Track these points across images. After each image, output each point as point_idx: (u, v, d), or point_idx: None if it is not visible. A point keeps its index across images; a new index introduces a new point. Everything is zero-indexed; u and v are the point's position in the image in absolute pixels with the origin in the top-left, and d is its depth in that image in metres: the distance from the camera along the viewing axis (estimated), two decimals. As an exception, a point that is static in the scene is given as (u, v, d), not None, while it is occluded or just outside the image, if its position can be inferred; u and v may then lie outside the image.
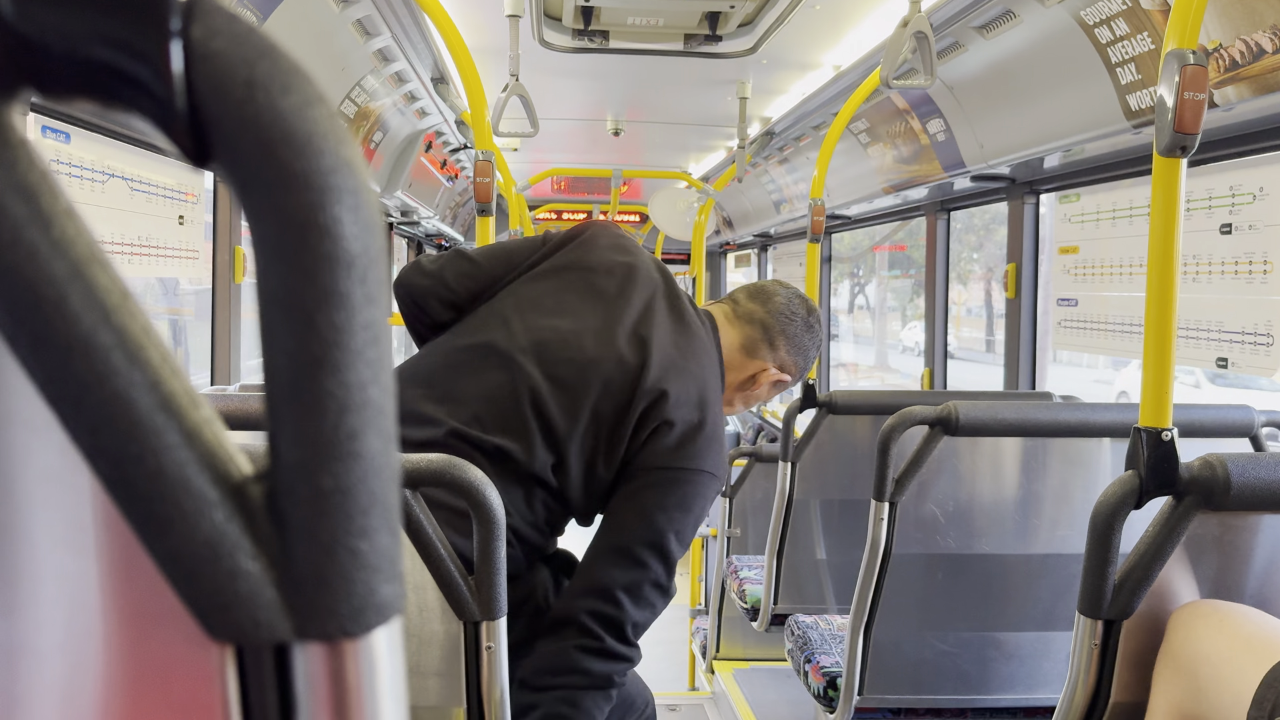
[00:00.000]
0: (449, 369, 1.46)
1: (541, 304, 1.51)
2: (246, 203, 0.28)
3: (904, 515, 1.88)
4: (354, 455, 0.29)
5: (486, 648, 1.13)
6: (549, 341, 1.46)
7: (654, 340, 1.49)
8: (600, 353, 1.46)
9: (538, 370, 1.44)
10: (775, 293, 1.70)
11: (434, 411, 1.42)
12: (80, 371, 0.28)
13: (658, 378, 1.45)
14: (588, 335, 1.48)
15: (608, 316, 1.50)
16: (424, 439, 1.39)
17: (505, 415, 1.41)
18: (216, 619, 0.30)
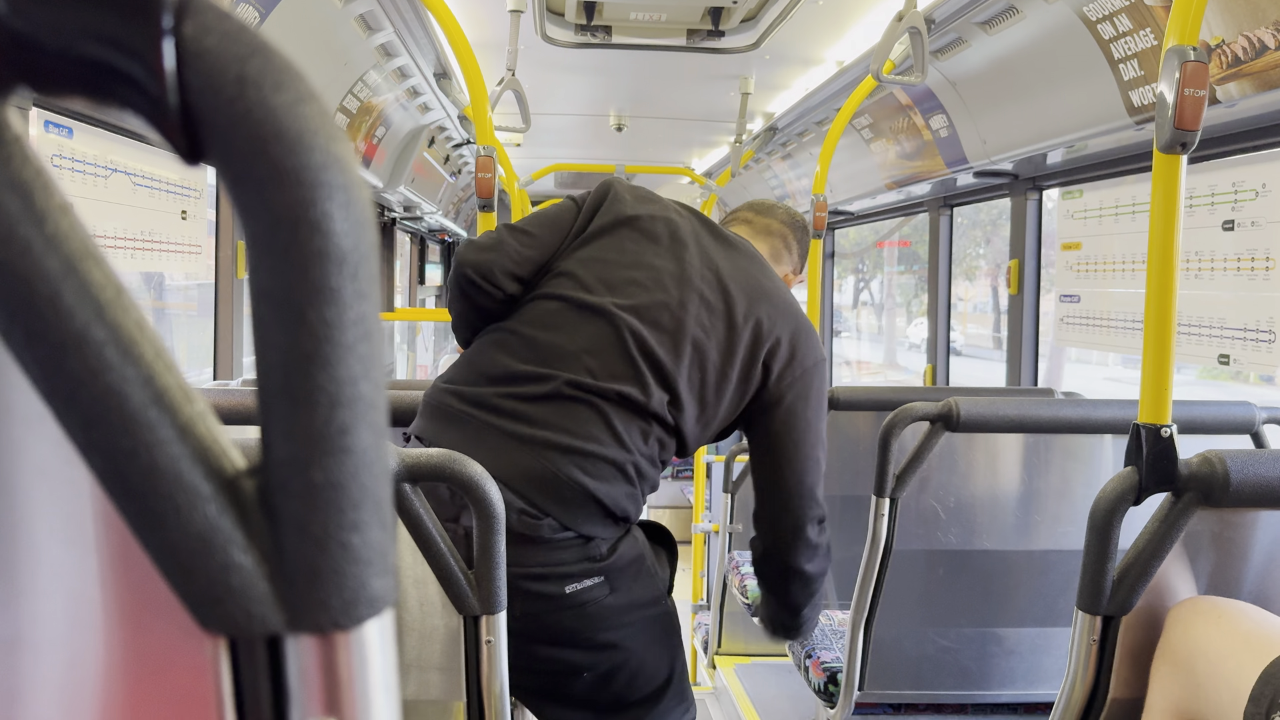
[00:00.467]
0: (545, 330, 1.48)
1: (609, 260, 1.53)
2: (239, 199, 0.29)
3: (905, 511, 1.88)
4: (345, 450, 0.30)
5: (486, 641, 1.13)
6: (634, 291, 1.51)
7: (724, 272, 1.56)
8: (683, 294, 1.52)
9: (633, 317, 1.48)
10: (774, 205, 1.83)
11: (542, 369, 1.45)
12: (73, 367, 0.28)
13: (747, 308, 1.54)
14: (666, 279, 1.52)
15: (674, 260, 1.54)
16: (539, 393, 1.43)
17: (614, 362, 1.46)
18: (209, 612, 0.30)
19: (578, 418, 1.43)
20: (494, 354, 1.48)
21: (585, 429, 1.42)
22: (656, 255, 1.54)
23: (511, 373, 1.45)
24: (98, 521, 0.30)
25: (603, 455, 1.43)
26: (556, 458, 1.40)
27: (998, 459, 1.91)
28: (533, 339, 1.47)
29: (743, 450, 3.55)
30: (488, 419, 1.43)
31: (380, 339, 0.31)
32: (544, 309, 1.50)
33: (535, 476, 1.39)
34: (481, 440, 1.41)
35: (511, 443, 1.41)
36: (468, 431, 1.42)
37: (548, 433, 1.41)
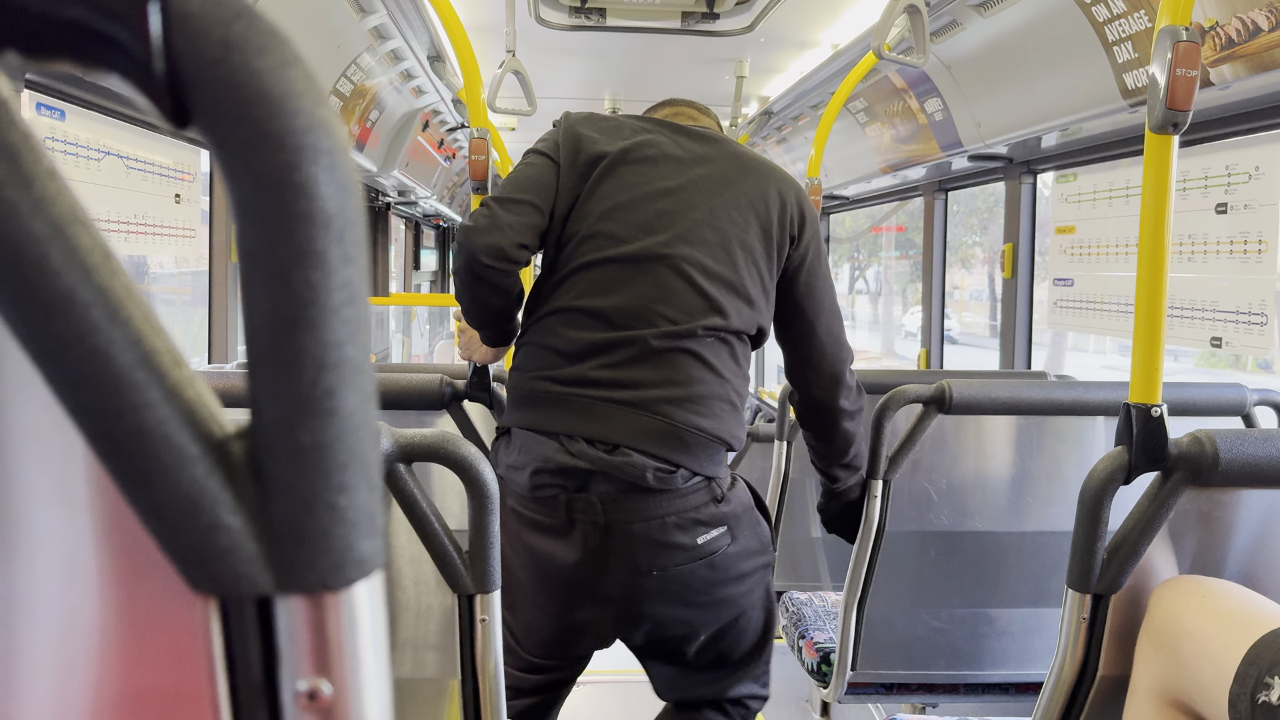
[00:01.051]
0: (607, 295, 1.49)
1: (626, 203, 1.53)
2: (224, 163, 0.29)
3: (897, 493, 1.89)
4: (331, 412, 0.30)
5: (481, 620, 1.14)
6: (668, 223, 1.51)
7: (723, 165, 1.58)
8: (709, 203, 1.54)
9: (683, 247, 1.50)
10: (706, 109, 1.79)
11: (623, 334, 1.47)
12: (60, 329, 0.28)
13: (761, 189, 1.58)
14: (687, 197, 1.54)
15: (680, 175, 1.55)
16: (630, 356, 1.46)
17: (687, 300, 1.49)
18: (199, 572, 0.30)
19: (675, 365, 1.47)
20: (567, 333, 1.49)
21: (685, 374, 1.47)
22: (663, 178, 1.54)
23: (594, 344, 1.47)
24: (89, 483, 0.31)
25: (709, 394, 1.49)
26: (672, 410, 1.45)
27: (990, 441, 1.92)
28: (599, 309, 1.48)
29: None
30: (594, 394, 1.45)
31: (366, 304, 0.31)
32: (595, 276, 1.50)
33: (659, 434, 1.44)
34: (594, 415, 1.45)
35: (625, 410, 1.44)
36: (577, 410, 1.45)
37: (654, 390, 1.45)
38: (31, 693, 0.34)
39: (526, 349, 1.55)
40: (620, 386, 1.45)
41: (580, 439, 1.44)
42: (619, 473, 1.42)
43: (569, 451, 1.44)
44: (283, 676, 0.31)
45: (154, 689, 0.33)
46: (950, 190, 3.69)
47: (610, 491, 1.44)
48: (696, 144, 1.60)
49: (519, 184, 1.55)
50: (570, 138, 1.58)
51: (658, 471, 1.43)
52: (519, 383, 1.52)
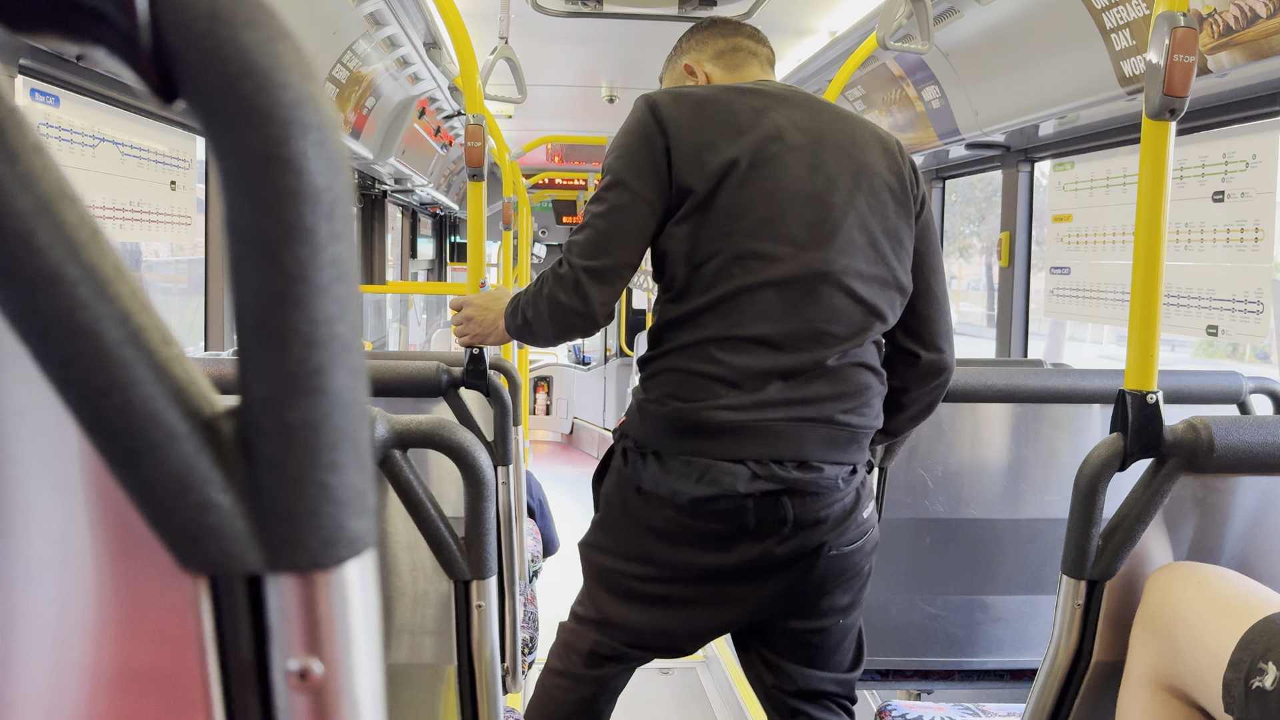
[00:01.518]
0: (773, 322, 1.45)
1: (774, 217, 1.46)
2: (212, 138, 0.28)
3: (894, 480, 1.90)
4: (319, 390, 0.30)
5: (477, 606, 1.14)
6: (815, 231, 1.47)
7: (841, 142, 1.52)
8: (854, 201, 1.50)
9: (838, 258, 1.47)
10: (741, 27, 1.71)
11: (798, 358, 1.46)
12: (46, 305, 0.28)
13: (882, 158, 1.54)
14: (824, 195, 1.48)
15: (815, 174, 1.49)
16: (810, 375, 1.47)
17: (851, 315, 1.49)
18: (188, 550, 0.30)
19: (847, 378, 1.49)
20: (731, 361, 1.45)
21: (856, 383, 1.50)
22: (800, 180, 1.47)
23: (766, 371, 1.45)
24: (79, 462, 0.31)
25: (875, 393, 1.54)
26: (849, 418, 1.49)
27: (986, 429, 1.92)
28: (765, 336, 1.45)
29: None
30: (775, 416, 1.45)
31: (356, 281, 0.31)
32: (754, 301, 1.45)
33: (842, 442, 1.49)
34: (781, 437, 1.46)
35: (808, 425, 1.47)
36: (764, 436, 1.45)
37: (832, 404, 1.48)
38: (23, 671, 0.34)
39: (674, 375, 1.48)
40: (800, 404, 1.46)
41: (770, 462, 1.45)
42: (812, 486, 1.46)
43: (760, 476, 1.44)
44: (273, 655, 0.31)
45: (145, 668, 0.33)
46: (948, 179, 3.69)
47: (798, 497, 1.46)
48: (805, 116, 1.52)
49: (617, 234, 1.47)
50: (683, 151, 1.45)
51: (843, 476, 1.49)
52: (680, 411, 1.46)
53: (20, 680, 0.35)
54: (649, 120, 1.47)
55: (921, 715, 1.72)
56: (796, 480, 1.44)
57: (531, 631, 2.30)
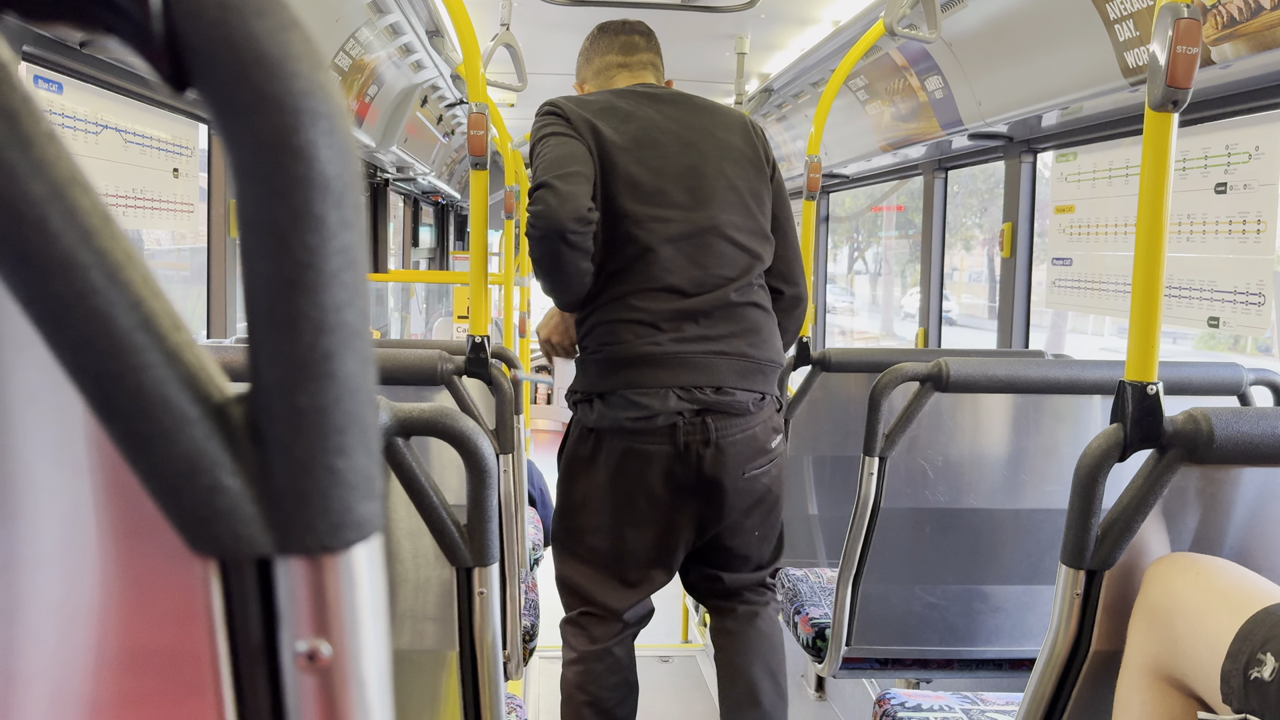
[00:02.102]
0: (675, 271, 1.81)
1: (661, 189, 1.83)
2: (222, 126, 0.29)
3: (894, 470, 1.90)
4: (329, 376, 0.30)
5: (479, 593, 1.15)
6: (703, 199, 1.84)
7: (710, 125, 1.92)
8: (721, 168, 1.87)
9: (721, 215, 1.85)
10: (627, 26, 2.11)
11: (701, 300, 1.81)
12: (60, 290, 0.28)
13: (742, 136, 1.94)
14: (705, 169, 1.86)
15: (688, 152, 1.86)
16: (713, 314, 1.81)
17: (737, 259, 1.85)
18: (198, 533, 0.31)
19: (744, 315, 1.84)
20: (650, 306, 1.79)
21: (752, 320, 1.85)
22: (676, 157, 1.85)
23: (680, 311, 1.80)
24: (89, 445, 0.31)
25: (769, 329, 1.89)
26: (752, 351, 1.84)
27: (986, 419, 1.92)
28: (674, 285, 1.80)
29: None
30: (695, 349, 1.79)
31: (365, 269, 0.31)
32: (660, 257, 1.80)
33: (749, 372, 1.83)
34: (702, 367, 1.79)
35: (721, 359, 1.81)
36: (687, 366, 1.79)
37: (737, 340, 1.82)
38: (32, 651, 0.35)
39: (604, 326, 1.82)
40: (712, 340, 1.80)
41: (692, 388, 1.78)
42: (727, 408, 1.81)
43: (684, 399, 1.78)
44: (282, 637, 0.32)
45: (154, 648, 0.34)
46: (950, 169, 3.68)
47: (718, 416, 1.80)
48: (676, 110, 1.91)
49: (564, 159, 1.76)
50: (585, 125, 1.82)
51: (754, 401, 1.84)
52: (613, 353, 1.80)
53: (29, 660, 0.35)
54: (566, 112, 1.84)
55: (920, 704, 1.72)
56: (715, 402, 1.79)
57: (532, 619, 2.31)
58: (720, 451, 1.81)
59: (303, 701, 0.32)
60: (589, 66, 2.11)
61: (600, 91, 1.94)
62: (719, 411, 1.80)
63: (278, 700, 0.32)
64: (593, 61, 2.10)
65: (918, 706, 1.72)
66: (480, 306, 1.98)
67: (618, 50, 2.05)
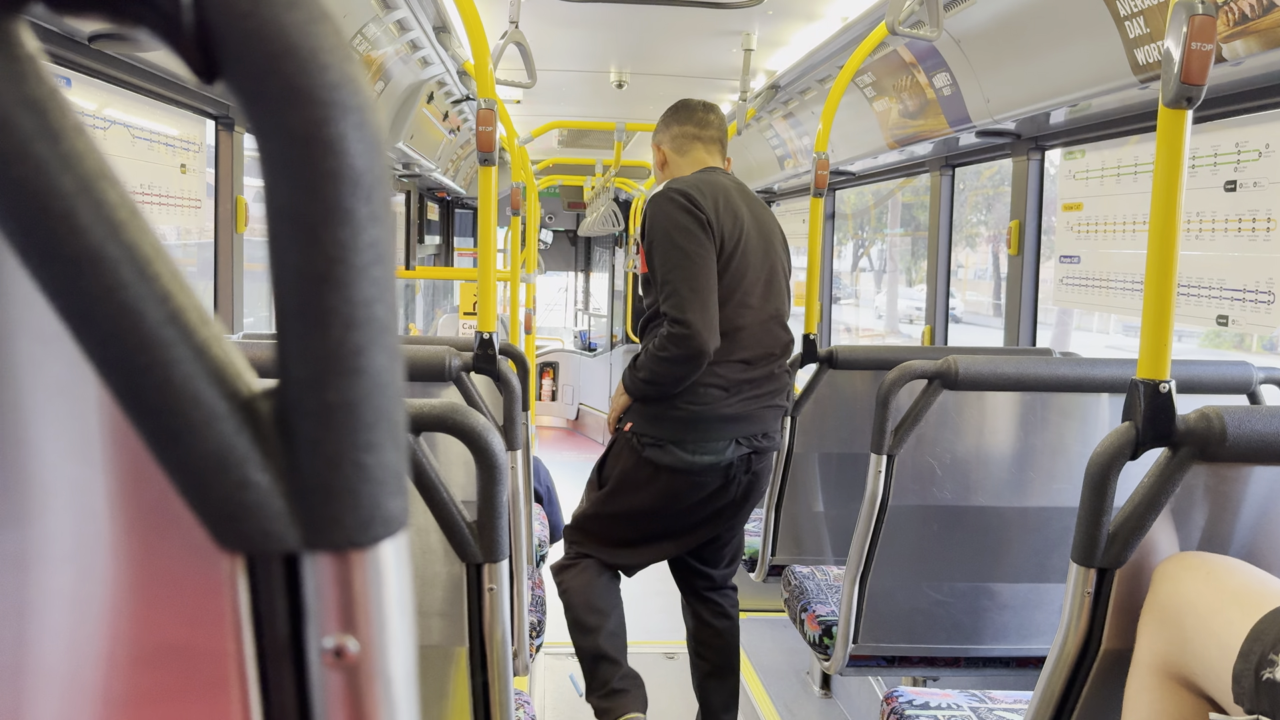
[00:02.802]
0: (749, 347, 2.28)
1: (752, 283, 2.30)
2: (253, 119, 0.29)
3: (901, 468, 1.90)
4: (358, 371, 0.30)
5: (489, 589, 1.15)
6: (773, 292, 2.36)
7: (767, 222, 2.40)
8: (778, 263, 2.38)
9: (778, 303, 2.37)
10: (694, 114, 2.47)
11: (759, 371, 2.31)
12: (89, 284, 0.28)
13: (779, 231, 2.44)
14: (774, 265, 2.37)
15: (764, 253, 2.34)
16: (761, 382, 2.30)
17: (780, 337, 2.35)
18: (226, 529, 0.31)
19: (779, 378, 2.35)
20: (727, 375, 2.25)
21: (781, 381, 2.36)
22: (761, 256, 2.33)
23: (745, 380, 2.28)
24: (110, 440, 0.31)
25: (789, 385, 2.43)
26: (782, 402, 2.38)
27: (994, 417, 1.92)
28: (745, 358, 2.27)
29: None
30: (752, 407, 2.28)
31: (393, 263, 0.31)
32: (742, 336, 2.27)
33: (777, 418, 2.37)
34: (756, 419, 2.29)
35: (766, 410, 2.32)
36: (746, 420, 2.28)
37: (775, 397, 2.34)
38: (55, 648, 0.34)
39: (691, 387, 2.22)
40: (761, 398, 2.31)
41: (750, 437, 2.29)
42: (767, 446, 2.35)
43: (741, 444, 2.28)
44: (309, 633, 0.32)
45: (179, 645, 0.33)
46: (957, 167, 3.67)
47: (760, 454, 2.33)
48: (755, 211, 2.36)
49: (701, 276, 2.18)
50: (715, 225, 2.22)
51: (778, 436, 2.39)
52: (694, 412, 2.24)
53: (52, 656, 0.35)
54: (702, 210, 2.23)
55: (928, 701, 1.72)
56: (762, 445, 2.33)
57: (539, 615, 2.30)
58: (756, 477, 2.35)
59: (329, 698, 0.32)
60: (667, 132, 2.46)
61: (705, 180, 2.29)
62: (762, 450, 2.34)
63: (304, 697, 0.32)
64: (671, 128, 2.45)
65: (926, 704, 1.71)
66: (488, 303, 1.98)
67: (694, 124, 2.42)
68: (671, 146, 2.43)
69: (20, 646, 0.35)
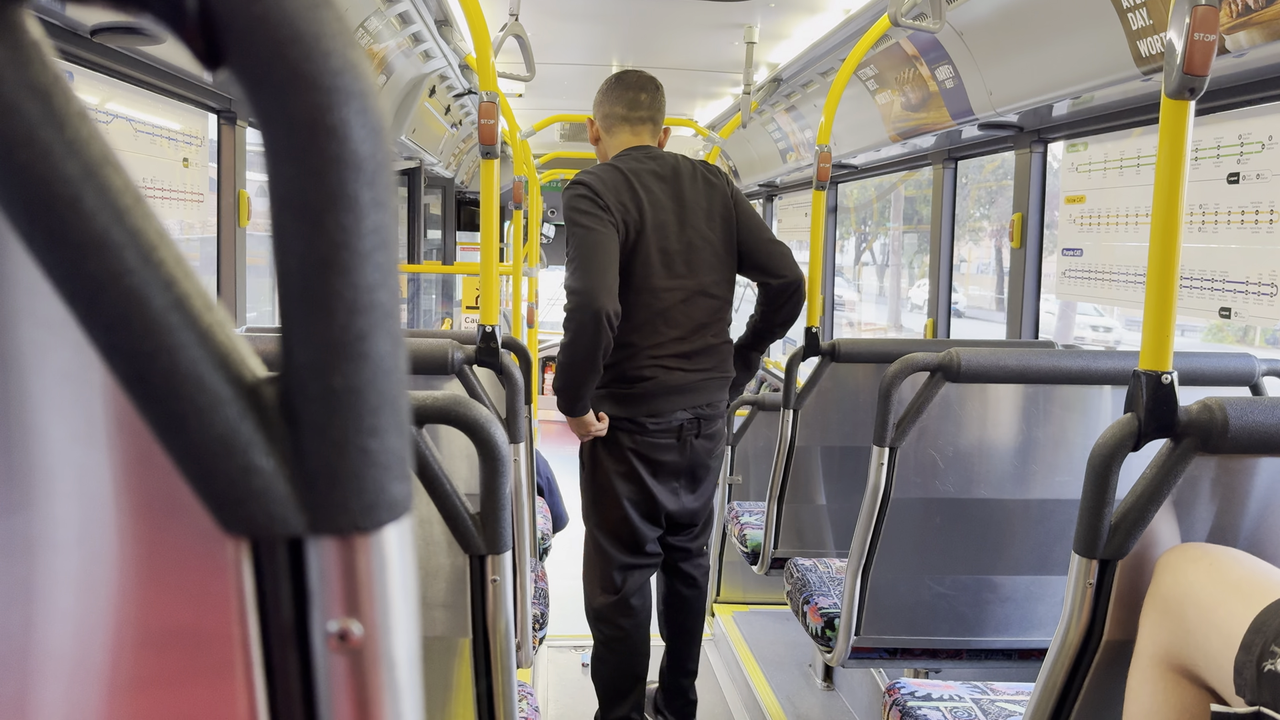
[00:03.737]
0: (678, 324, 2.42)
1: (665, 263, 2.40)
2: (256, 105, 0.29)
3: (904, 460, 1.90)
4: (363, 356, 0.30)
5: (492, 581, 1.15)
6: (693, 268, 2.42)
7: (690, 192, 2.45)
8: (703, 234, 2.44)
9: (704, 278, 2.43)
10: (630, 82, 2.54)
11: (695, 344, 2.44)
12: (95, 269, 0.28)
13: (708, 194, 2.46)
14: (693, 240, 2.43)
15: (684, 230, 2.42)
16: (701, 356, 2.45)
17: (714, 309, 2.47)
18: (231, 513, 0.31)
19: (719, 352, 2.49)
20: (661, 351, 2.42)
21: (722, 354, 2.50)
22: (676, 234, 2.41)
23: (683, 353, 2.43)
24: (115, 425, 0.31)
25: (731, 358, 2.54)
26: (724, 374, 2.52)
27: (996, 409, 1.92)
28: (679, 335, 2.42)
29: (741, 404, 3.58)
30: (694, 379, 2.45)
31: (396, 250, 0.31)
32: (667, 315, 2.40)
33: (720, 388, 2.53)
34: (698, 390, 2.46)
35: (709, 382, 2.48)
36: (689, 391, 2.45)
37: (717, 371, 2.49)
38: (59, 632, 0.35)
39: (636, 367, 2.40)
40: (702, 371, 2.46)
41: (693, 406, 2.45)
42: (711, 412, 2.51)
43: (688, 411, 2.45)
44: (313, 617, 0.32)
45: (183, 629, 0.34)
46: (960, 159, 3.67)
47: (706, 419, 2.49)
48: (672, 188, 2.42)
49: (605, 250, 2.29)
50: (616, 210, 2.32)
51: (722, 404, 2.55)
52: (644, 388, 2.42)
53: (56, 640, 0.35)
54: (601, 196, 2.32)
55: (930, 693, 1.73)
56: (705, 412, 2.49)
57: (542, 607, 2.31)
58: (709, 441, 2.53)
59: (333, 682, 0.32)
60: (599, 110, 2.54)
61: (616, 166, 2.40)
62: (708, 418, 2.52)
63: (308, 681, 0.32)
64: (602, 106, 2.53)
65: (928, 695, 1.72)
66: (490, 296, 1.98)
67: (623, 105, 2.49)
68: (602, 125, 2.55)
69: (27, 631, 0.35)
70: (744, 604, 3.79)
